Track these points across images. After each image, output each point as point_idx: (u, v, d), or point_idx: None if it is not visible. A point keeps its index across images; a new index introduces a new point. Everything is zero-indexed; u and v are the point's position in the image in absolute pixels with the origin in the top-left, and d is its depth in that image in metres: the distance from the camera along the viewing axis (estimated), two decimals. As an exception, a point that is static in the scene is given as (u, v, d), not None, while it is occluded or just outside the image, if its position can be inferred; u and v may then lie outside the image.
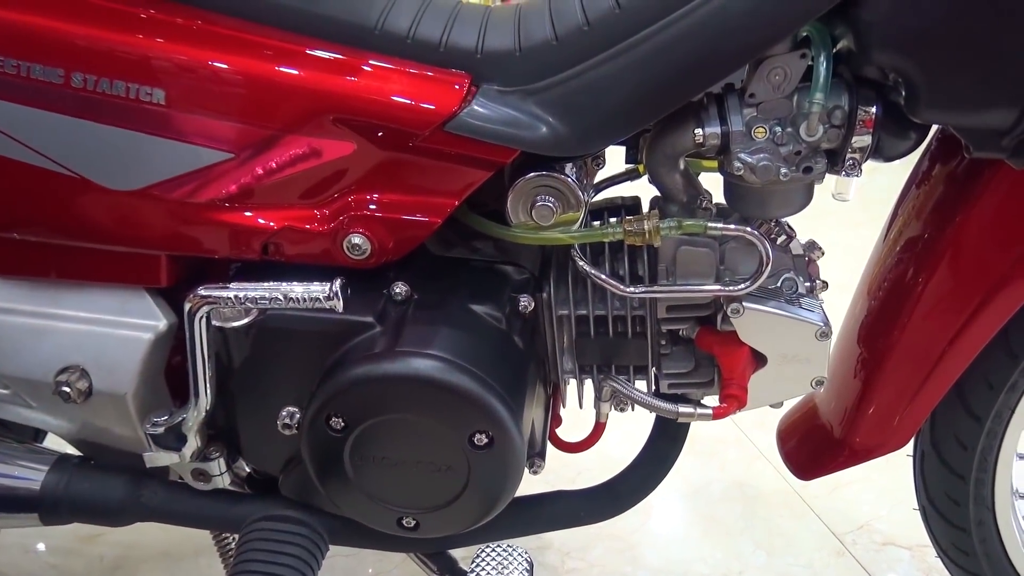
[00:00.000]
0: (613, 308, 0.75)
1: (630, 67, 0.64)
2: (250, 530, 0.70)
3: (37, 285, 0.73)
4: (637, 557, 1.24)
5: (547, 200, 0.68)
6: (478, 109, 0.65)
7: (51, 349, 0.72)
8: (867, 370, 0.84)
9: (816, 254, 0.78)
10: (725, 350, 0.74)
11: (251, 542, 0.69)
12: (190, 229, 0.68)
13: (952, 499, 0.90)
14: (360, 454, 0.68)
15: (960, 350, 0.79)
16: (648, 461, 0.86)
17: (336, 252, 0.70)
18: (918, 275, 0.79)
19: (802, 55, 0.64)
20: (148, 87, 0.63)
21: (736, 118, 0.66)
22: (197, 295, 0.66)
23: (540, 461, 0.80)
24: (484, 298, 0.73)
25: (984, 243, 0.75)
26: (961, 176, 0.76)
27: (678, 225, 0.69)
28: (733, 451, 1.46)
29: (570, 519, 0.85)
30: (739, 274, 0.73)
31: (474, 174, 0.68)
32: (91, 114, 0.64)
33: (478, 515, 0.71)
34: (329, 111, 0.65)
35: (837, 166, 0.69)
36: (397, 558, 1.21)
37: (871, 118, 0.65)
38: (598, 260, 0.75)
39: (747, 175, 0.67)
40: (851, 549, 1.26)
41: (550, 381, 0.81)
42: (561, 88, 0.66)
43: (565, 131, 0.65)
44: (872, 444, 0.85)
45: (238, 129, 0.65)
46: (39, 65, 0.63)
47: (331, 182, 0.68)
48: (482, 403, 0.64)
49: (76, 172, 0.66)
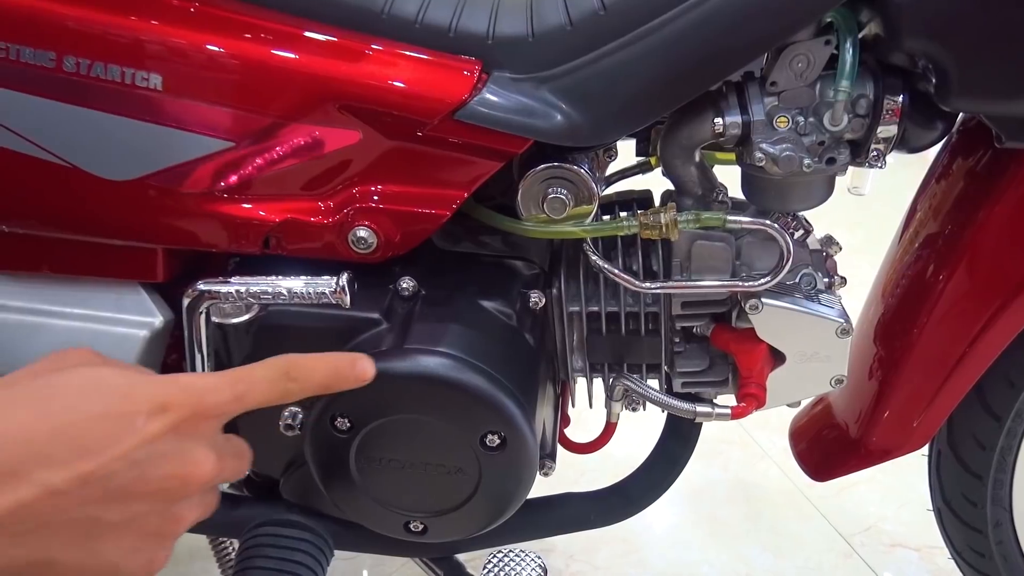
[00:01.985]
0: (626, 304, 0.73)
1: (648, 54, 0.62)
2: (253, 535, 0.67)
3: (29, 280, 0.70)
4: (643, 560, 1.22)
5: (559, 192, 0.66)
6: (489, 97, 0.63)
7: (44, 346, 0.69)
8: (884, 370, 0.82)
9: (834, 249, 0.75)
10: (742, 348, 0.72)
11: (254, 548, 0.66)
12: (188, 221, 0.66)
13: (969, 500, 0.88)
14: (366, 456, 0.66)
15: (981, 351, 0.77)
16: (659, 462, 0.84)
17: (340, 246, 0.67)
18: (938, 272, 0.77)
19: (826, 42, 0.62)
20: (144, 72, 0.61)
21: (758, 107, 0.64)
22: (196, 289, 0.63)
23: (551, 462, 0.78)
24: (494, 294, 0.70)
25: (1007, 240, 0.73)
26: (984, 170, 0.74)
27: (696, 218, 0.67)
28: (738, 452, 1.44)
29: (580, 522, 0.82)
30: (755, 269, 0.70)
31: (484, 165, 0.65)
32: (84, 100, 0.61)
33: (489, 519, 0.68)
34: (334, 98, 0.62)
35: (860, 157, 0.66)
36: (396, 562, 1.19)
37: (898, 107, 0.62)
38: (610, 255, 0.72)
39: (769, 166, 0.64)
40: (859, 551, 1.24)
41: (559, 380, 0.79)
42: (576, 75, 0.63)
43: (580, 120, 0.63)
44: (889, 445, 0.83)
45: (239, 116, 0.62)
46: (29, 48, 0.60)
47: (336, 172, 0.65)
48: (494, 403, 0.62)
49: (68, 161, 0.63)
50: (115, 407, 0.39)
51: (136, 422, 0.39)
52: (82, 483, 0.37)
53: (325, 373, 0.47)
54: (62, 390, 0.39)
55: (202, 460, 0.41)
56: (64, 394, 0.39)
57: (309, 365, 0.46)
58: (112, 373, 0.40)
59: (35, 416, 0.37)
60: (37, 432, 0.37)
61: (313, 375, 0.46)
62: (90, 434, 0.38)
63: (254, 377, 0.44)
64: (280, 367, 0.45)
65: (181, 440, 0.40)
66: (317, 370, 0.46)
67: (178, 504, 0.41)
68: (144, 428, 0.39)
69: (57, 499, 0.37)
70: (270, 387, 0.44)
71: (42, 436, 0.37)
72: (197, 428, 0.41)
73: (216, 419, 0.42)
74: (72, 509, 0.37)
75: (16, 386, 0.39)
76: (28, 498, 0.36)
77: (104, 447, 0.38)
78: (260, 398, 0.44)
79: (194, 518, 0.42)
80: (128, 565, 0.40)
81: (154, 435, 0.39)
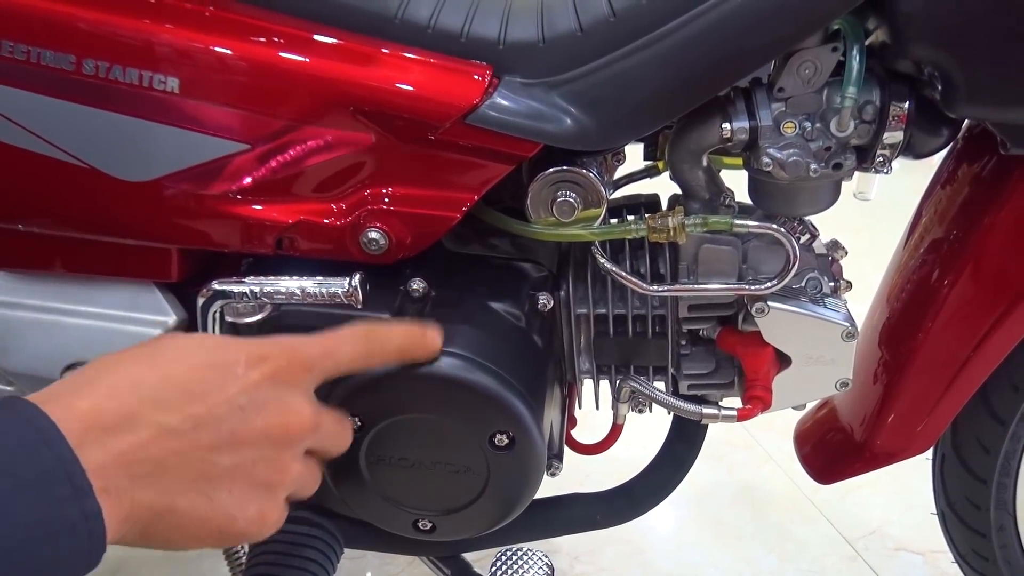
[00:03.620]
0: (633, 307, 0.74)
1: (657, 59, 0.62)
2: (263, 532, 0.68)
3: (45, 279, 0.71)
4: (647, 561, 1.23)
5: (568, 195, 0.67)
6: (500, 101, 0.64)
7: (58, 345, 0.70)
8: (889, 374, 0.82)
9: (839, 254, 0.76)
10: (748, 351, 0.72)
11: (265, 544, 0.67)
12: (203, 222, 0.67)
13: (973, 503, 0.89)
14: (376, 455, 0.66)
15: (985, 355, 0.77)
16: (665, 464, 0.85)
17: (352, 247, 0.68)
18: (943, 277, 0.77)
19: (833, 48, 0.63)
20: (162, 75, 0.62)
21: (765, 112, 0.65)
22: (210, 289, 0.64)
23: (558, 463, 0.78)
24: (503, 295, 0.71)
25: (1012, 246, 0.74)
26: (988, 177, 0.75)
27: (704, 222, 0.68)
28: (742, 454, 1.44)
29: (586, 522, 0.83)
30: (762, 273, 0.71)
31: (495, 168, 0.66)
32: (102, 102, 0.62)
33: (497, 518, 0.69)
34: (347, 102, 0.63)
35: (866, 162, 0.67)
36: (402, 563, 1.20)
37: (904, 113, 0.63)
38: (618, 258, 0.73)
39: (776, 171, 0.65)
40: (863, 554, 1.25)
41: (566, 381, 0.80)
42: (586, 80, 0.64)
43: (590, 124, 0.64)
44: (894, 448, 0.83)
45: (254, 119, 0.63)
46: (49, 51, 0.61)
47: (348, 175, 0.66)
48: (503, 402, 0.63)
49: (86, 162, 0.64)
50: (217, 357, 0.42)
51: (237, 370, 0.41)
52: (194, 425, 0.39)
53: (400, 338, 0.51)
54: (164, 348, 0.42)
55: (300, 408, 0.43)
56: (168, 350, 0.42)
57: (385, 331, 0.50)
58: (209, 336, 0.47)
59: (144, 368, 0.40)
60: (147, 380, 0.39)
61: (389, 340, 0.50)
62: (197, 381, 0.40)
63: (341, 337, 0.47)
64: (361, 330, 0.48)
65: (279, 388, 0.43)
66: (392, 335, 0.51)
67: (283, 452, 0.43)
68: (245, 375, 0.41)
69: (172, 440, 0.39)
70: (354, 347, 0.48)
71: (152, 384, 0.39)
72: (294, 376, 0.43)
73: (310, 372, 0.45)
74: (187, 451, 0.39)
75: (121, 352, 0.42)
76: (146, 438, 0.38)
77: (210, 391, 0.40)
78: (348, 356, 0.48)
79: (299, 473, 0.44)
80: (242, 516, 0.42)
81: (255, 382, 0.42)
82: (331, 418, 0.48)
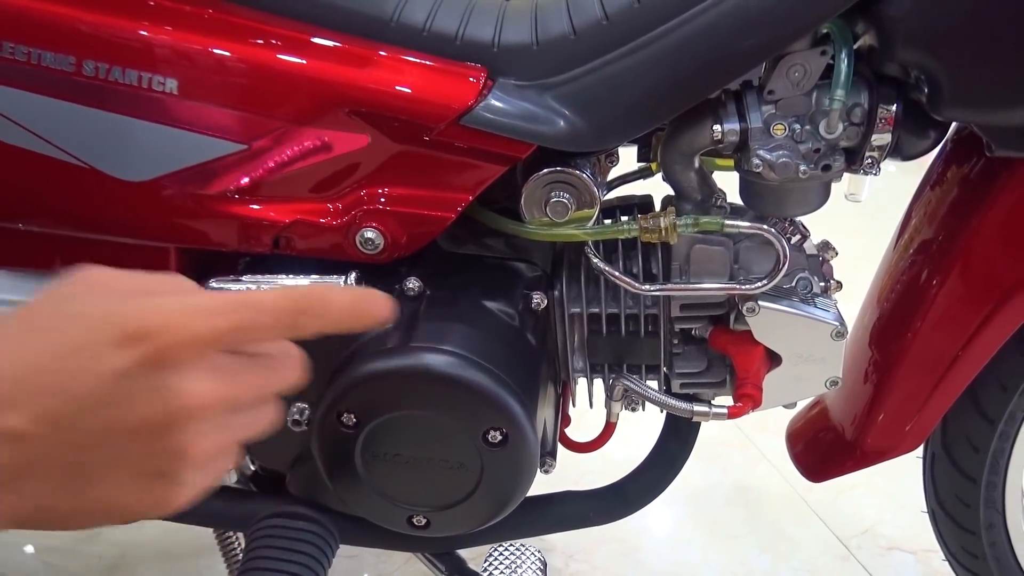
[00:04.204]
0: (626, 306, 0.74)
1: (649, 62, 0.63)
2: (260, 527, 0.69)
3: (44, 278, 0.71)
4: (641, 560, 1.24)
5: (562, 196, 0.68)
6: (494, 103, 0.64)
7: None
8: (879, 373, 0.83)
9: (830, 254, 0.77)
10: (739, 349, 0.73)
11: (262, 539, 0.68)
12: (201, 221, 0.68)
13: (962, 502, 0.90)
14: (372, 451, 0.67)
15: (973, 354, 0.78)
16: (658, 462, 0.85)
17: (348, 246, 0.69)
18: (932, 278, 0.78)
19: (822, 52, 0.64)
20: (161, 76, 0.63)
21: (755, 115, 0.66)
22: (209, 287, 0.65)
23: (551, 460, 0.79)
24: (497, 295, 0.72)
25: (999, 246, 0.75)
26: (976, 178, 0.76)
27: (695, 222, 0.69)
28: (736, 454, 1.45)
29: (579, 520, 0.84)
30: (753, 273, 0.72)
31: (489, 169, 0.67)
32: (102, 103, 0.63)
33: (490, 514, 0.70)
34: (344, 103, 0.64)
35: (855, 164, 0.68)
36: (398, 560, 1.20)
37: (892, 116, 0.64)
38: (611, 258, 0.74)
39: (766, 172, 0.66)
40: (856, 554, 1.26)
41: (560, 380, 0.81)
42: (579, 83, 0.65)
43: (583, 126, 0.65)
44: (884, 447, 0.84)
45: (251, 120, 0.64)
46: (49, 53, 0.62)
47: (344, 175, 0.67)
48: (496, 399, 0.64)
49: (85, 162, 0.65)
50: (79, 341, 0.35)
51: (101, 354, 0.35)
52: (53, 428, 0.34)
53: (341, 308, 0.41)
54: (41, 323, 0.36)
55: (189, 391, 0.36)
56: (41, 330, 0.35)
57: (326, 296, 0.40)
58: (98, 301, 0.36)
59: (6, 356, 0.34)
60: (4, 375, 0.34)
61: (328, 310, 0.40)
62: (51, 372, 0.34)
63: (263, 305, 0.38)
64: (294, 299, 0.39)
65: (156, 373, 0.35)
66: (333, 304, 0.40)
67: (174, 438, 0.36)
68: (107, 363, 0.34)
69: (28, 446, 0.34)
70: (276, 320, 0.38)
71: (8, 379, 0.34)
72: (177, 356, 0.36)
73: (204, 348, 0.37)
74: (49, 453, 0.34)
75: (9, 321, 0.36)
76: None
77: (65, 387, 0.34)
78: (265, 331, 0.38)
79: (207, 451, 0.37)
80: (133, 504, 0.37)
81: (118, 371, 0.34)
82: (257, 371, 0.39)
